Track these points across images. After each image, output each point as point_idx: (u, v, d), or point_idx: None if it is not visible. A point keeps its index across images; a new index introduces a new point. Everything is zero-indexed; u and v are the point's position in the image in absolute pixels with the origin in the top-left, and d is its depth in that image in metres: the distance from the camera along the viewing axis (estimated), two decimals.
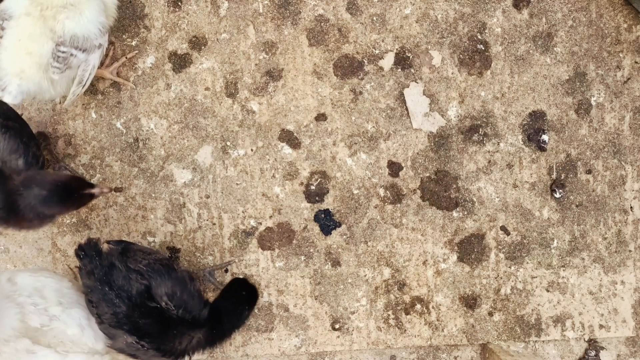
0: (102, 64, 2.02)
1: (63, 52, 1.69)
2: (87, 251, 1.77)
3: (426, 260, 2.12)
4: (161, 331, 1.76)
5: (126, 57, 2.03)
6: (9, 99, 1.68)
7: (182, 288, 1.79)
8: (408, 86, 2.08)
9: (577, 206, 2.14)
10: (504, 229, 2.12)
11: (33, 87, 1.72)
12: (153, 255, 1.83)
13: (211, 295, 2.06)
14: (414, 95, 2.08)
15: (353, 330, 2.11)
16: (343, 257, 2.10)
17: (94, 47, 1.75)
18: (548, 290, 2.14)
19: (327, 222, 2.10)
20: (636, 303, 2.17)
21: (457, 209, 2.11)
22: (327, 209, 2.10)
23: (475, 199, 2.11)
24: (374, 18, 2.08)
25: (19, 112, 1.91)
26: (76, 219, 2.02)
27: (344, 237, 2.10)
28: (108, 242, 1.91)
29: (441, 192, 2.11)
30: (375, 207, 2.10)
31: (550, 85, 2.12)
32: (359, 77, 2.08)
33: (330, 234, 2.10)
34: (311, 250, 2.10)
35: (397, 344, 2.12)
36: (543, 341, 2.16)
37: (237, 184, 2.09)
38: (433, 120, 2.08)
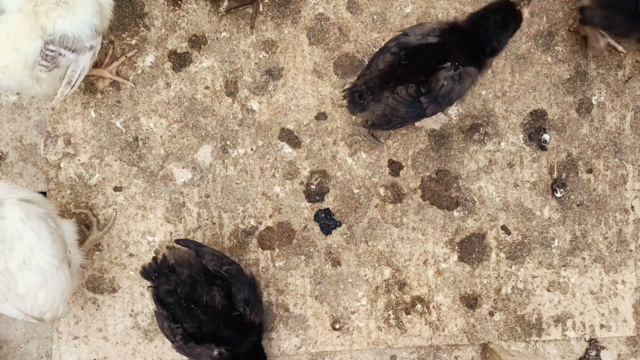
0: (101, 63, 2.01)
1: (52, 50, 1.68)
2: (160, 270, 1.77)
3: (427, 260, 2.11)
4: (239, 339, 1.81)
5: (126, 56, 2.03)
6: None
7: (254, 292, 1.86)
8: None
9: (578, 205, 2.13)
10: (504, 228, 2.12)
11: (15, 83, 1.72)
12: (226, 259, 1.87)
13: None
14: None
15: (353, 330, 2.11)
16: (343, 257, 2.10)
17: (85, 48, 1.73)
18: (549, 290, 2.14)
19: (327, 221, 2.09)
20: (637, 302, 2.17)
21: (458, 208, 2.11)
22: (328, 209, 2.09)
23: (476, 199, 2.11)
24: (375, 17, 2.07)
25: (18, 111, 1.90)
26: (75, 219, 2.01)
27: (344, 236, 2.10)
28: (177, 241, 1.93)
29: (442, 191, 2.10)
30: (376, 207, 2.10)
31: (551, 84, 2.11)
32: None
33: (331, 233, 2.10)
34: (311, 249, 2.09)
35: (397, 344, 2.12)
36: (544, 341, 2.16)
37: (237, 183, 2.08)
38: (436, 118, 2.07)
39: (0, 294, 1.70)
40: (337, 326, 2.11)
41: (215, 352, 1.76)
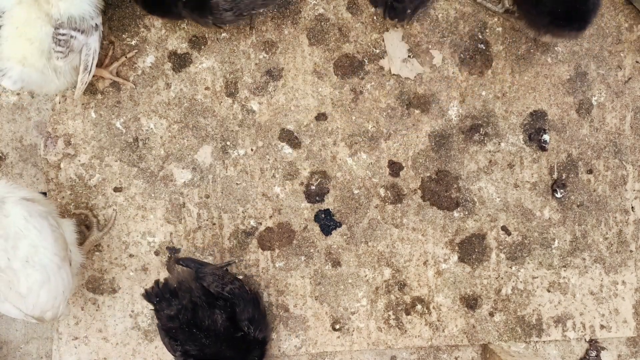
0: (101, 63, 2.01)
1: (63, 34, 1.67)
2: (162, 295, 1.77)
3: (427, 261, 2.11)
4: (243, 356, 1.81)
5: (126, 57, 2.03)
6: (8, 84, 1.65)
7: (258, 309, 1.87)
8: (388, 30, 2.07)
9: (578, 206, 2.13)
10: (504, 229, 2.12)
11: (36, 75, 1.70)
12: (227, 278, 1.86)
13: None
14: (393, 40, 2.07)
15: (353, 330, 2.11)
16: (343, 257, 2.10)
17: (91, 27, 1.73)
18: (549, 291, 2.14)
19: (327, 222, 2.09)
20: (637, 303, 2.16)
21: (458, 209, 2.11)
22: (328, 209, 2.09)
23: (476, 199, 2.11)
24: (375, 17, 2.07)
25: (18, 112, 1.91)
26: (75, 220, 2.01)
27: (345, 237, 2.10)
28: (177, 261, 1.93)
29: (442, 192, 2.10)
30: (376, 207, 2.10)
31: (551, 84, 2.11)
32: (360, 76, 2.08)
33: (331, 234, 2.09)
34: (311, 250, 2.09)
35: (397, 345, 2.12)
36: (544, 341, 2.16)
37: (237, 183, 2.08)
38: (411, 67, 2.07)
39: (0, 293, 1.70)
40: (337, 327, 2.11)
41: None
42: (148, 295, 1.80)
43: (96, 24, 1.75)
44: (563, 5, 1.79)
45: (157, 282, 1.82)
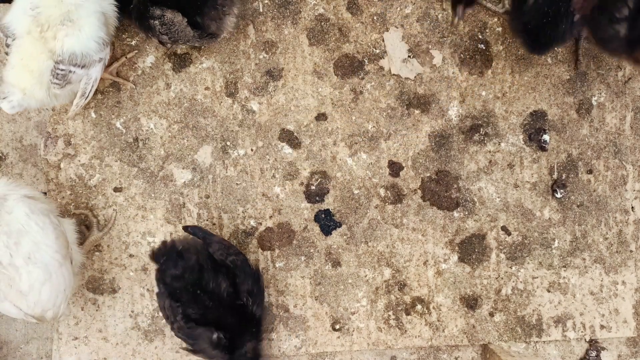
0: None
1: (62, 70, 1.72)
2: (169, 255, 1.78)
3: (427, 261, 2.11)
4: (241, 329, 1.81)
5: (126, 57, 2.03)
6: (6, 107, 1.74)
7: (257, 284, 1.87)
8: (388, 30, 2.07)
9: (578, 206, 2.13)
10: (504, 229, 2.12)
11: (34, 102, 1.77)
12: (232, 249, 1.87)
13: None
14: (394, 40, 2.07)
15: (353, 330, 2.11)
16: (343, 258, 2.10)
17: (94, 61, 1.78)
18: (549, 291, 2.14)
19: (327, 222, 2.09)
20: (637, 303, 2.16)
21: (458, 209, 2.11)
22: (328, 209, 2.09)
23: (476, 199, 2.11)
24: (375, 17, 2.07)
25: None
26: (75, 220, 2.01)
27: (345, 237, 2.10)
28: (185, 228, 1.94)
29: (442, 192, 2.10)
30: (376, 207, 2.10)
31: (551, 84, 2.11)
32: (360, 76, 2.08)
33: (331, 234, 2.09)
34: (311, 250, 2.09)
35: (397, 345, 2.12)
36: (544, 342, 2.16)
37: (237, 184, 2.08)
38: (411, 67, 2.07)
39: (0, 291, 1.70)
40: (337, 327, 2.10)
41: (215, 336, 1.76)
42: (155, 255, 1.81)
43: (100, 58, 1.78)
44: (535, 22, 1.80)
45: (164, 242, 1.82)
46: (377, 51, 2.07)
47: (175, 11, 1.80)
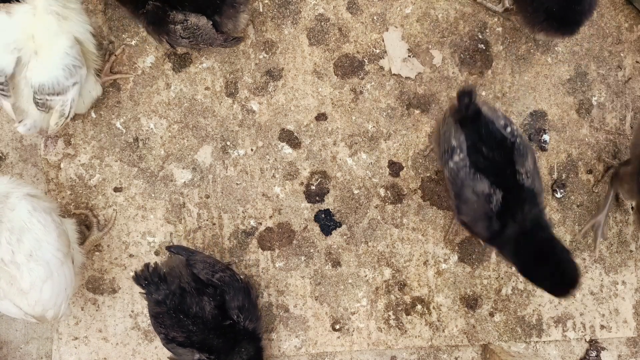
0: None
1: (39, 99, 1.76)
2: (150, 278, 1.77)
3: (427, 261, 2.11)
4: (231, 346, 1.79)
5: (115, 55, 2.03)
6: (22, 130, 1.86)
7: (248, 299, 1.84)
8: (388, 30, 2.07)
9: (578, 206, 2.13)
10: None
11: (40, 122, 1.86)
12: (218, 266, 1.85)
13: None
14: (393, 40, 2.07)
15: (353, 330, 2.11)
16: (343, 258, 2.10)
17: (67, 87, 1.78)
18: None
19: (327, 222, 2.09)
20: (637, 303, 2.16)
21: None
22: (328, 209, 2.09)
23: None
24: (375, 17, 2.07)
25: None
26: (76, 220, 2.01)
27: (345, 237, 2.10)
28: (168, 248, 1.93)
29: (442, 192, 2.10)
30: (376, 207, 2.10)
31: (551, 84, 2.11)
32: (360, 76, 2.08)
33: (331, 234, 2.09)
34: (311, 250, 2.09)
35: (397, 345, 2.12)
36: (544, 342, 2.16)
37: (237, 184, 2.08)
38: (411, 67, 2.07)
39: (0, 290, 1.70)
40: (337, 327, 2.10)
41: (196, 357, 1.75)
42: (137, 278, 1.79)
43: (74, 82, 1.79)
44: (558, 4, 1.79)
45: (147, 265, 1.80)
46: (377, 51, 2.07)
47: (199, 15, 1.77)
